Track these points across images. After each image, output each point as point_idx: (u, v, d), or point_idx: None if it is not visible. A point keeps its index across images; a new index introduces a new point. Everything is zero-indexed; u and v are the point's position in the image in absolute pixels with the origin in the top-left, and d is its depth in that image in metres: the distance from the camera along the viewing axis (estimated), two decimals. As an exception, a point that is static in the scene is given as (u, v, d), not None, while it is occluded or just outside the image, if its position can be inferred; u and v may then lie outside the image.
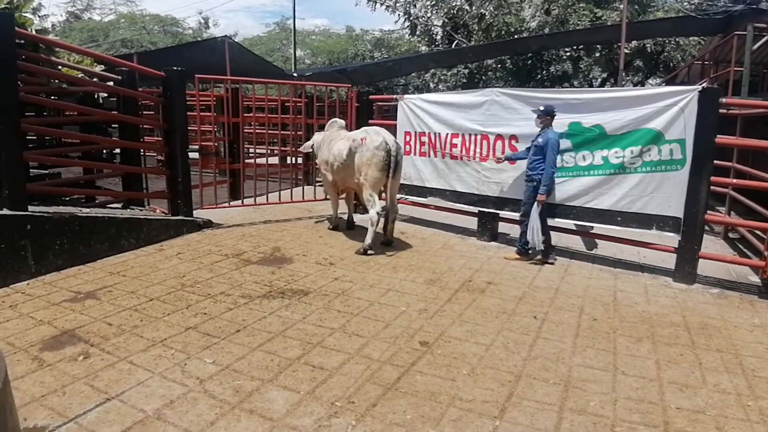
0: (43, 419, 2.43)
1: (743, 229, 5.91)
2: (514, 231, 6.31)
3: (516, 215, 5.83)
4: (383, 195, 5.74)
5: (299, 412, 2.55)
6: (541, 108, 5.15)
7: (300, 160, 8.84)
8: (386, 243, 5.78)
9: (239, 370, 2.94)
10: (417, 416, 2.55)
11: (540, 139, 5.10)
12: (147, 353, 3.11)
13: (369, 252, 5.36)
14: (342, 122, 6.54)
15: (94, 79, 5.78)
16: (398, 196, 7.07)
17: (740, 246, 6.13)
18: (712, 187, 4.79)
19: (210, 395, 2.68)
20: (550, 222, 5.46)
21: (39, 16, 5.63)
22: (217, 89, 8.79)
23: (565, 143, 5.29)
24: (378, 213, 5.41)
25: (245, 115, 8.21)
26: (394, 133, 6.98)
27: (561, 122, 5.27)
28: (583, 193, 5.26)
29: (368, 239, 5.41)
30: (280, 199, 7.76)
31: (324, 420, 2.49)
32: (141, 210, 6.35)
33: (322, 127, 8.97)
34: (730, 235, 6.52)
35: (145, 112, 8.01)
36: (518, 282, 4.70)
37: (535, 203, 5.16)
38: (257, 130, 10.57)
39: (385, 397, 2.71)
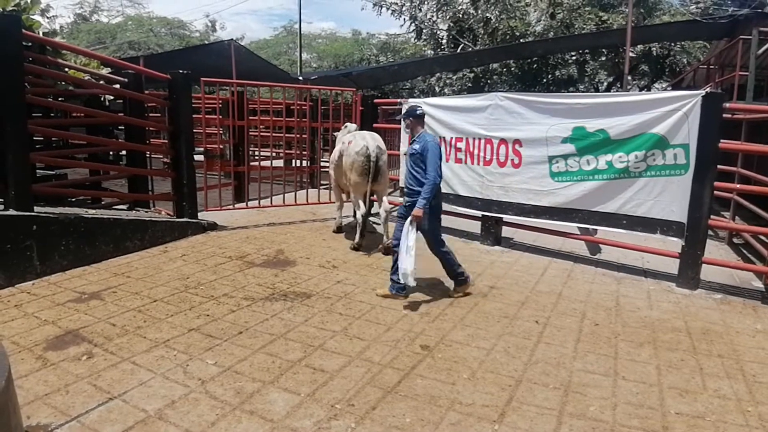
0: (46, 418, 2.46)
1: (747, 234, 5.89)
2: (518, 235, 6.33)
3: (518, 219, 5.82)
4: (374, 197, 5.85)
5: (299, 414, 2.56)
6: (403, 110, 4.60)
7: (305, 163, 8.87)
8: (386, 250, 5.74)
9: (241, 372, 2.96)
10: (416, 419, 2.55)
11: (416, 146, 4.20)
12: (150, 354, 3.14)
13: (359, 249, 5.69)
14: (352, 126, 6.59)
15: (101, 82, 5.83)
16: (401, 198, 7.08)
17: (744, 251, 6.10)
18: (716, 192, 4.78)
19: (211, 396, 2.70)
20: (555, 226, 5.45)
21: (47, 18, 5.69)
22: (223, 92, 8.84)
23: (569, 147, 5.28)
24: (362, 215, 5.68)
25: (250, 118, 8.25)
26: (398, 137, 7.00)
27: (565, 127, 5.27)
28: (588, 197, 5.25)
29: (356, 238, 5.77)
30: (284, 202, 7.79)
31: (324, 422, 2.50)
32: (146, 212, 6.39)
33: (326, 131, 9.06)
34: (734, 240, 6.49)
35: (151, 115, 8.06)
36: (521, 286, 4.70)
37: (408, 219, 4.06)
38: (262, 133, 10.62)
39: (385, 400, 2.72)
